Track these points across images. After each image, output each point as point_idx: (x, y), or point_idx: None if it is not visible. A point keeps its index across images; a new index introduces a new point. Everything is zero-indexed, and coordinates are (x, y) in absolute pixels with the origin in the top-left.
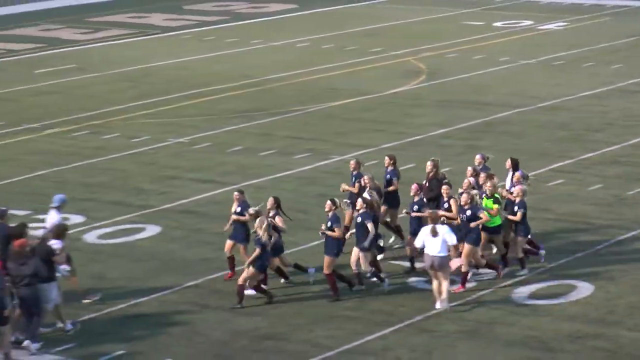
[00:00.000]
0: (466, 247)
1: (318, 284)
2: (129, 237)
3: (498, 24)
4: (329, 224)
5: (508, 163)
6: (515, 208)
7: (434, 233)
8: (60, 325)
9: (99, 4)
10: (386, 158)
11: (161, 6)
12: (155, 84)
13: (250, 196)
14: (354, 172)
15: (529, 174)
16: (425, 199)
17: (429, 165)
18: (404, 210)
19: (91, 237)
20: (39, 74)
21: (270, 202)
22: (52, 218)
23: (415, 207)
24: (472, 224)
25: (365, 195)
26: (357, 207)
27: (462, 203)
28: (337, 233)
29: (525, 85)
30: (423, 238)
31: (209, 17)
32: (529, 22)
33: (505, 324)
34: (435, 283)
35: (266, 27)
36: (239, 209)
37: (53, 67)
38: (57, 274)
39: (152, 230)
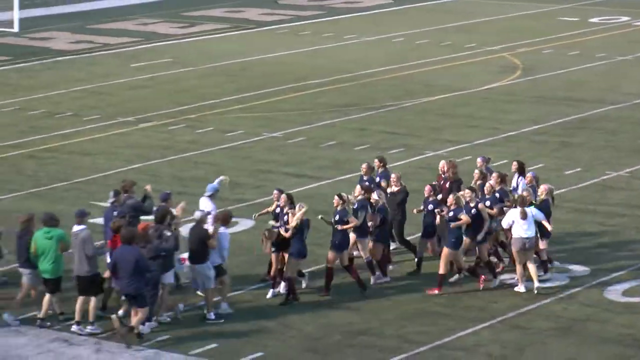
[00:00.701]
0: (445, 251)
1: (404, 280)
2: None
3: (594, 19)
4: (337, 217)
5: (514, 166)
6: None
7: (524, 215)
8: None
9: None
10: (375, 160)
11: (256, 1)
12: (250, 79)
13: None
14: (365, 177)
15: (626, 171)
16: (439, 200)
17: (444, 165)
18: (415, 209)
19: (185, 230)
20: (134, 67)
21: (283, 199)
22: (205, 205)
23: (430, 207)
24: (452, 224)
25: (374, 195)
26: (356, 194)
27: (448, 203)
28: (352, 223)
29: (621, 82)
30: (512, 219)
31: (304, 12)
32: (625, 18)
33: (599, 321)
34: (519, 268)
35: (361, 22)
36: (278, 209)
37: (148, 61)
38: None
39: (246, 224)
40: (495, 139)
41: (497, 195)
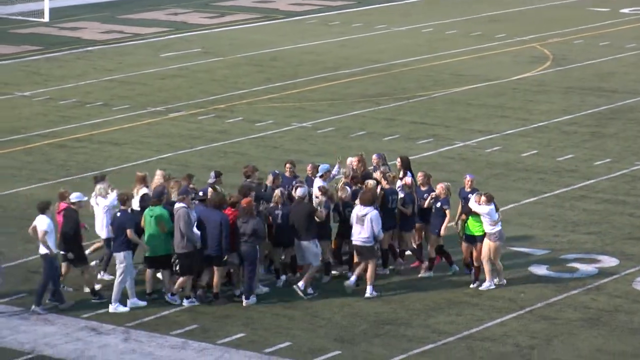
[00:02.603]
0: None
1: (438, 272)
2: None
3: (625, 10)
4: None
5: (398, 162)
6: (439, 204)
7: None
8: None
9: None
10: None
11: None
12: (280, 69)
13: None
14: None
15: None
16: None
17: (354, 162)
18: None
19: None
20: (164, 57)
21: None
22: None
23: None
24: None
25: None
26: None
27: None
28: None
29: None
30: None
31: (333, 2)
32: None
33: (628, 312)
34: (487, 264)
35: (391, 12)
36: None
37: (179, 51)
38: None
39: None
40: (526, 129)
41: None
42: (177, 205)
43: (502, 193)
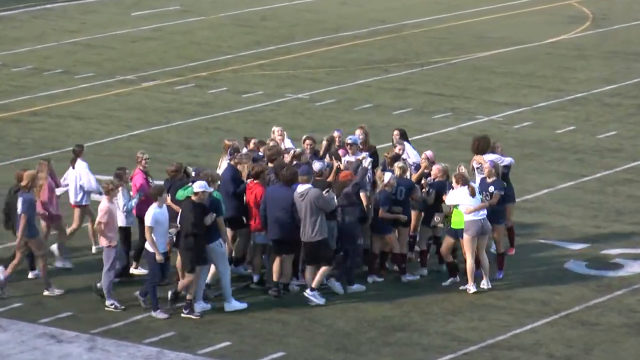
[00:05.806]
0: None
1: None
2: None
3: None
4: None
5: (396, 133)
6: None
7: (473, 192)
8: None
9: None
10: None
11: None
12: (271, 30)
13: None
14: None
15: None
16: None
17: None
18: None
19: None
20: (136, 16)
21: None
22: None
23: None
24: None
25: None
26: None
27: None
28: None
29: None
30: (456, 200)
31: None
32: None
33: None
34: (470, 260)
35: None
36: None
37: (153, 9)
38: None
39: None
40: (561, 102)
41: None
42: (302, 187)
43: (534, 176)
